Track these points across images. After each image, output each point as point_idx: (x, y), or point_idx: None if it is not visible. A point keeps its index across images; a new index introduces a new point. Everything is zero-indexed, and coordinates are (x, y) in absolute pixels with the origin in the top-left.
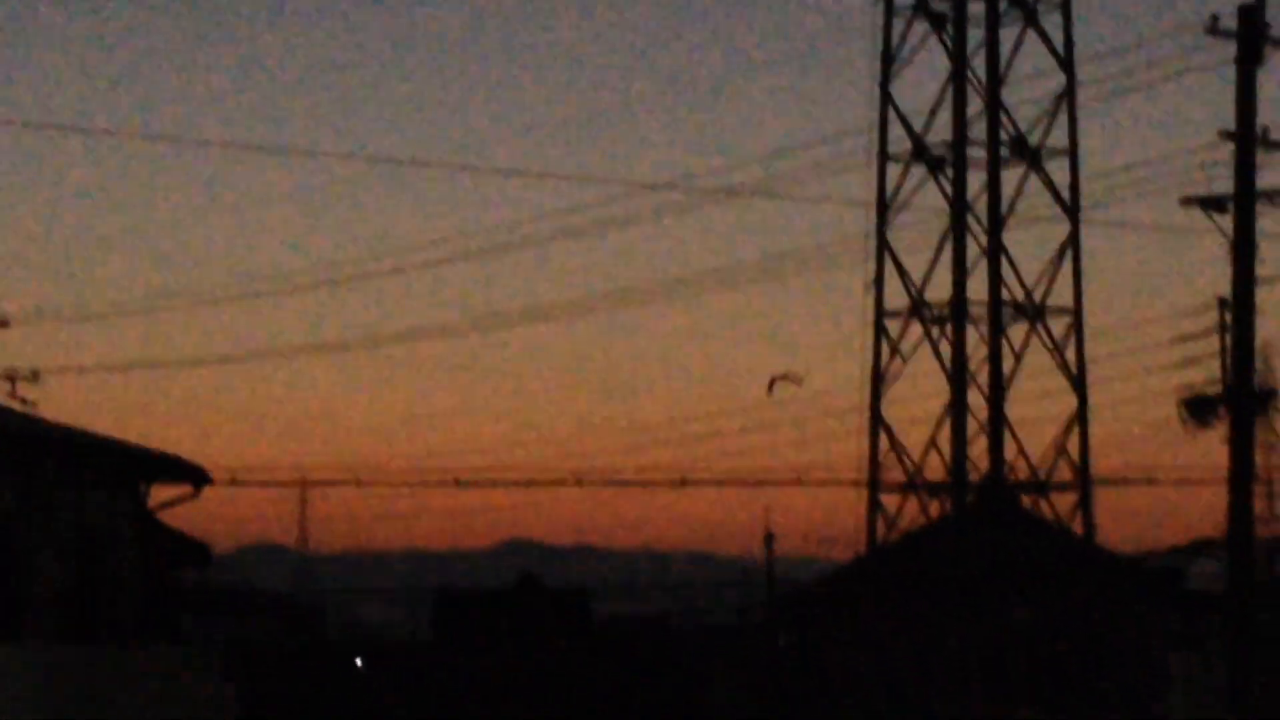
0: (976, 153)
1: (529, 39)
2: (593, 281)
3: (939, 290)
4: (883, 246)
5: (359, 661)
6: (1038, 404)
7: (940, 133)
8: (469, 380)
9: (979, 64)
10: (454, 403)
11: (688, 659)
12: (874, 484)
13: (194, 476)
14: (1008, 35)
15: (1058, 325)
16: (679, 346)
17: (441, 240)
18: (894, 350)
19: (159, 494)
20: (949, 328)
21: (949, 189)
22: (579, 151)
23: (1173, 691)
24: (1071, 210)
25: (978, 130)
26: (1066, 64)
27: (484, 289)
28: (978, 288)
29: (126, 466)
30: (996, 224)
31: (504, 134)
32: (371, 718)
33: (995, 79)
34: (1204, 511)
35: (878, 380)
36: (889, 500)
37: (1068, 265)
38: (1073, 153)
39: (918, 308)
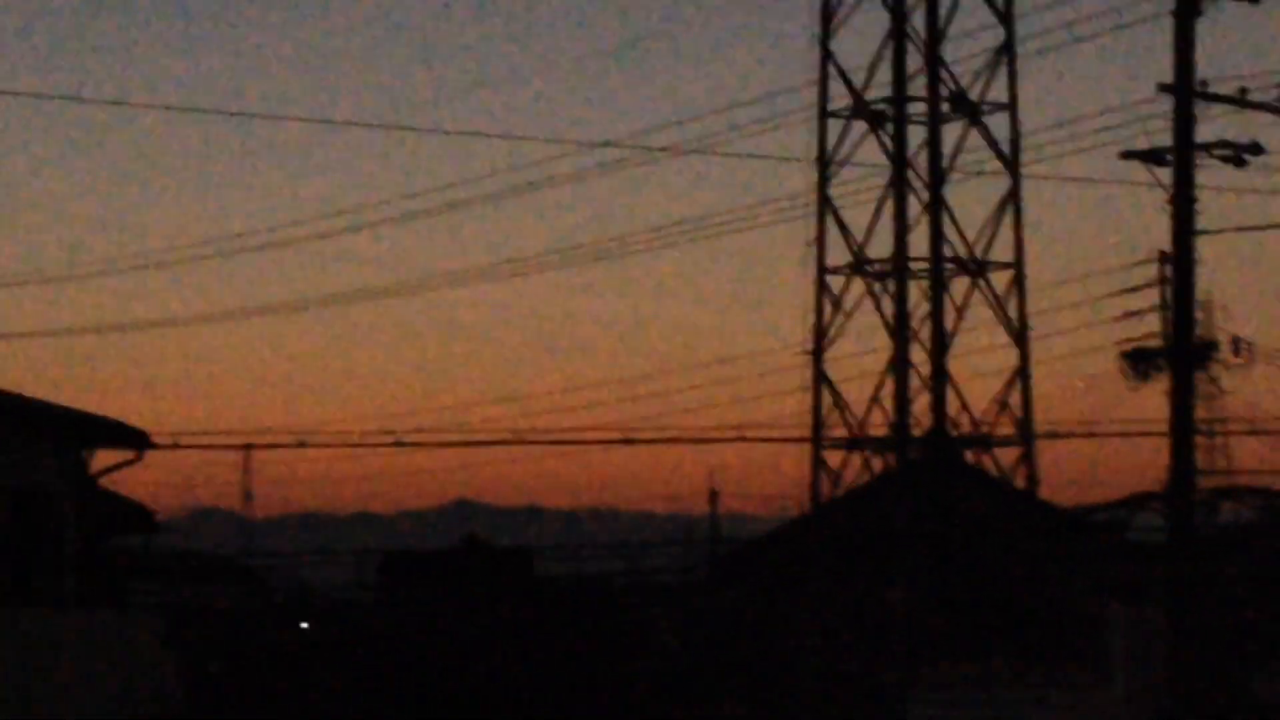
0: (917, 108)
1: None
2: (534, 240)
3: (880, 246)
4: (824, 203)
5: (304, 624)
6: (980, 359)
7: (880, 89)
8: (413, 341)
9: (918, 19)
10: (398, 364)
11: (632, 617)
12: (817, 440)
13: (136, 441)
14: None
15: (999, 280)
16: (621, 305)
17: (384, 201)
18: (836, 306)
19: (102, 459)
20: (890, 283)
21: (889, 145)
22: (518, 110)
23: (1113, 644)
24: (1012, 165)
25: (918, 86)
26: (1006, 19)
27: (426, 250)
28: (919, 243)
29: (67, 431)
30: (937, 180)
31: (443, 94)
32: (317, 680)
33: (935, 34)
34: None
35: (820, 337)
36: (832, 456)
37: (1009, 220)
38: (1013, 108)
39: (859, 264)
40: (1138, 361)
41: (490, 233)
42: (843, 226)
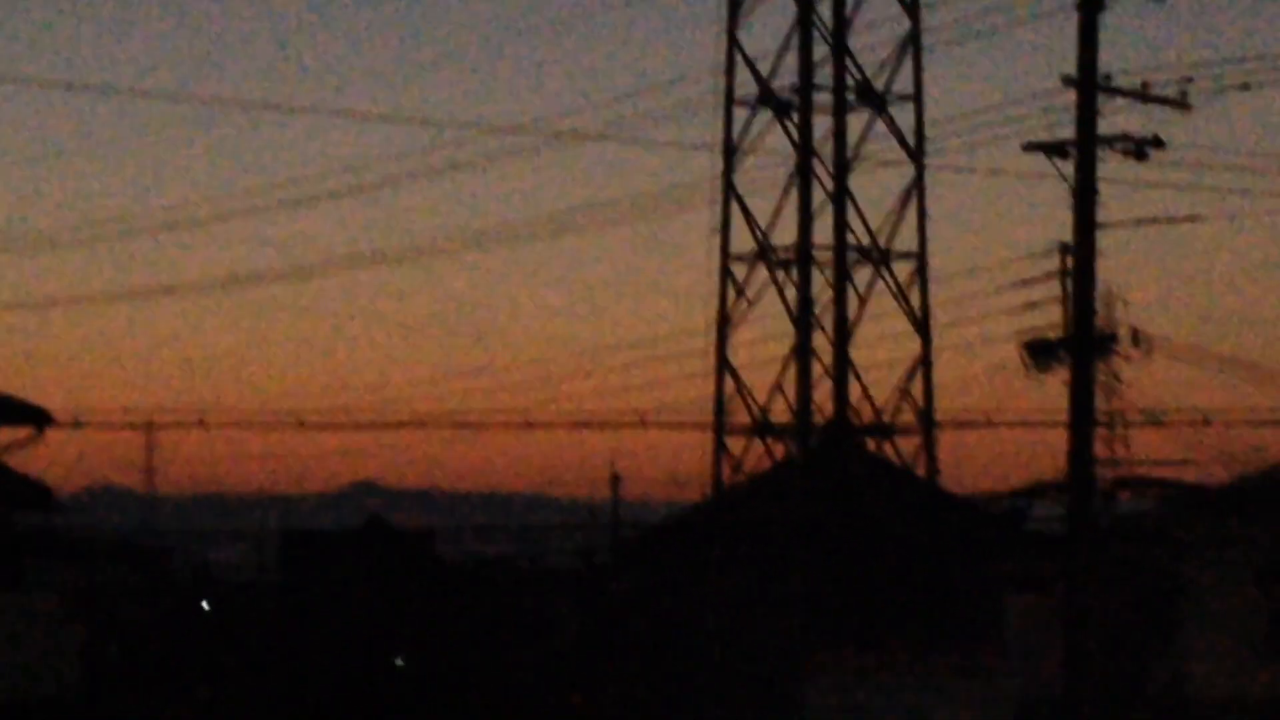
0: (823, 98)
1: None
2: (438, 225)
3: (785, 234)
4: (729, 191)
5: (205, 605)
6: (882, 348)
7: (787, 77)
8: (317, 323)
9: (825, 9)
10: (302, 346)
11: (532, 601)
12: (719, 427)
13: (36, 418)
14: None
15: (902, 269)
16: (525, 290)
17: (289, 182)
18: (740, 294)
19: (1, 436)
20: (794, 272)
21: (795, 134)
22: (426, 94)
23: (1010, 632)
24: (916, 155)
25: (824, 75)
26: (912, 9)
27: (331, 232)
28: (823, 232)
29: None
30: (842, 169)
31: (349, 76)
32: (218, 659)
33: (841, 24)
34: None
35: (724, 324)
36: (734, 443)
37: (912, 210)
38: (917, 98)
39: (763, 252)
40: (1038, 352)
41: (397, 216)
42: (747, 214)
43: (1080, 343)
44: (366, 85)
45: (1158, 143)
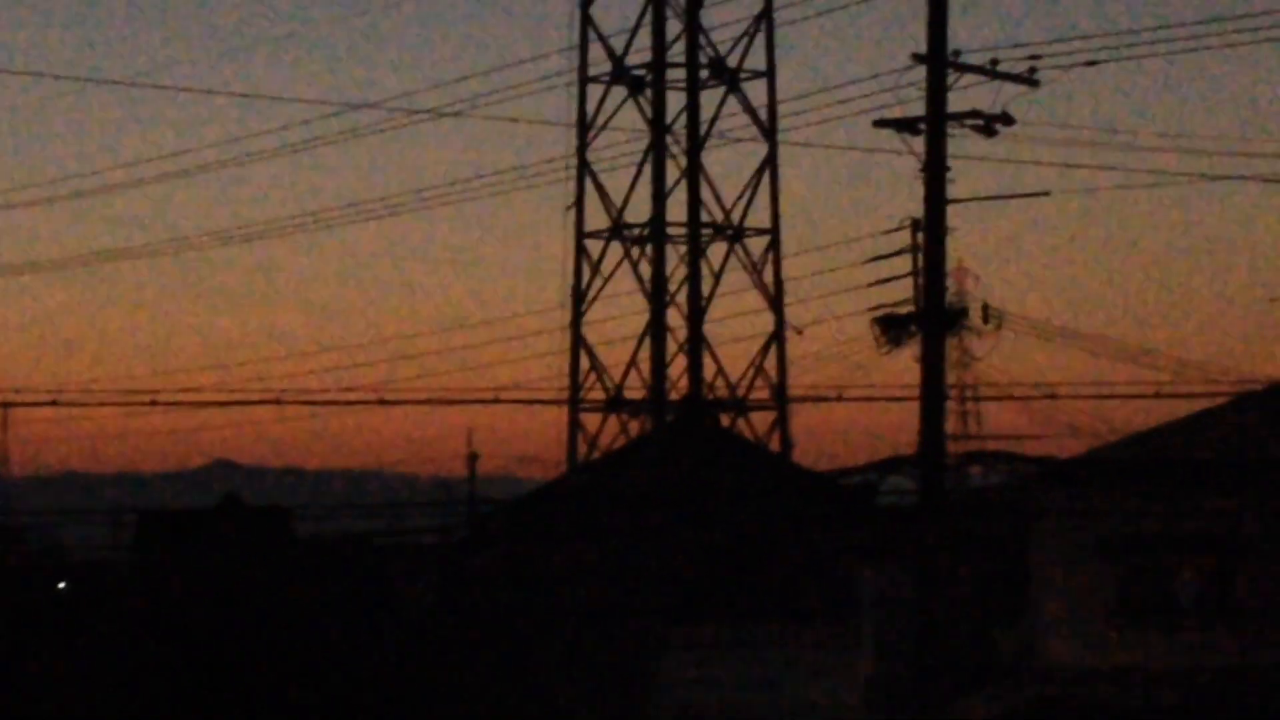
0: (676, 75)
1: None
2: (294, 201)
3: (639, 211)
4: (583, 167)
5: (60, 584)
6: (736, 324)
7: (640, 55)
8: (170, 300)
9: None
10: (158, 324)
11: (389, 578)
12: (574, 403)
13: None
14: None
15: (756, 246)
16: (381, 267)
17: (144, 159)
18: (594, 270)
19: None
20: (649, 248)
21: (649, 110)
22: (280, 71)
23: (863, 607)
24: (769, 132)
25: (677, 52)
26: None
27: (187, 209)
28: (677, 209)
29: None
30: (695, 146)
31: (207, 53)
32: (72, 640)
33: (695, 1)
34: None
35: (578, 300)
36: (589, 419)
37: (765, 186)
38: (770, 75)
39: (618, 228)
40: (889, 327)
41: (253, 193)
42: (602, 191)
43: (931, 318)
44: (223, 62)
45: (1007, 119)
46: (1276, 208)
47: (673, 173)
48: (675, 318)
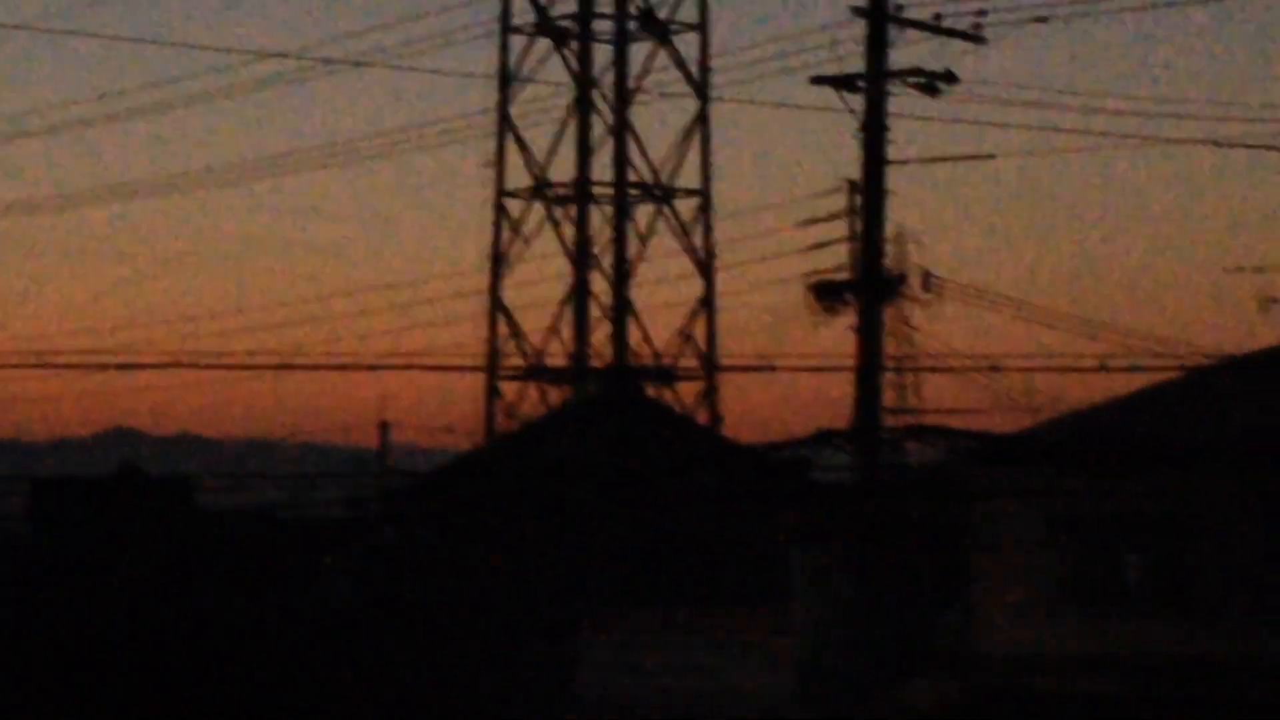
0: (604, 26)
1: None
2: (199, 155)
3: (563, 170)
4: (504, 123)
5: None
6: (664, 289)
7: (566, 4)
8: (64, 259)
9: None
10: (48, 283)
11: (297, 552)
12: (493, 370)
13: None
14: None
15: (685, 207)
16: (289, 225)
17: (33, 111)
18: (515, 231)
19: None
20: (572, 209)
21: (574, 64)
22: (186, 17)
23: (796, 587)
24: (700, 88)
25: (605, 3)
26: None
27: (79, 164)
28: (603, 168)
29: None
30: (623, 101)
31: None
32: None
33: None
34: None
35: (498, 262)
36: (508, 388)
37: (696, 145)
38: (703, 28)
39: (540, 187)
40: (825, 294)
41: (154, 146)
42: (524, 148)
43: (868, 285)
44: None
45: (950, 77)
46: (1231, 172)
47: (599, 130)
48: (599, 282)
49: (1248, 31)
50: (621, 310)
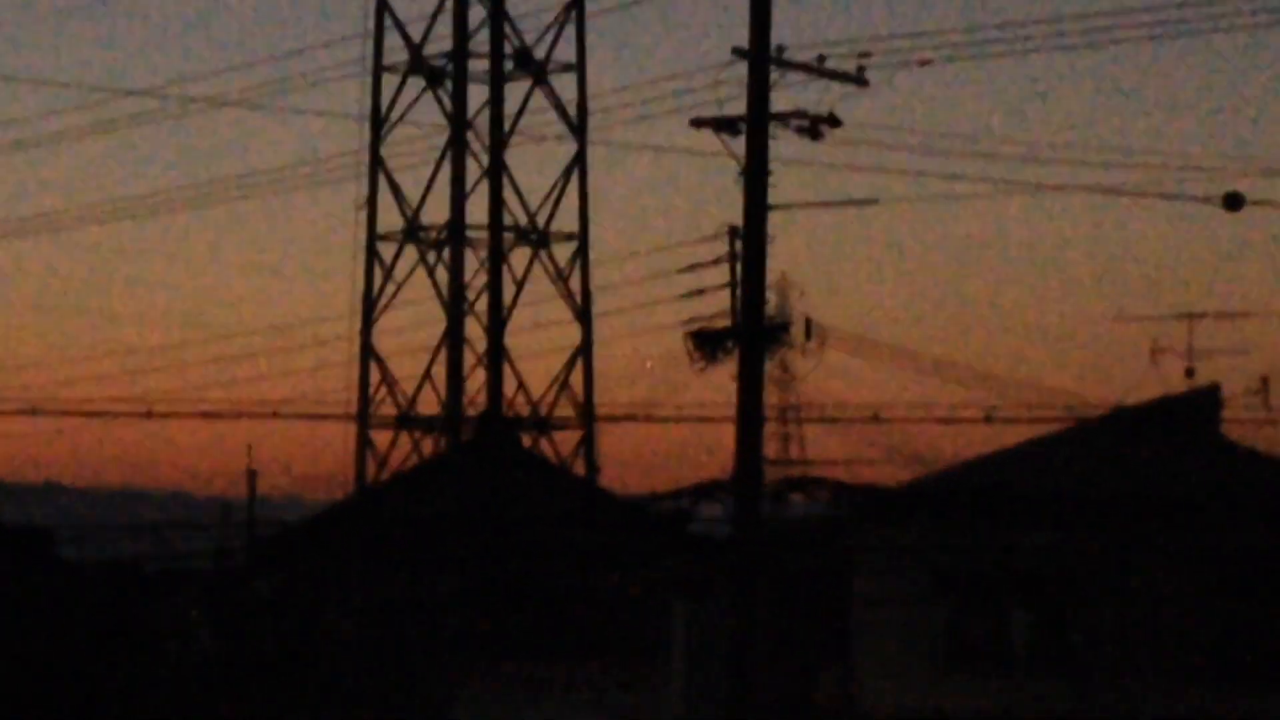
0: (479, 66)
1: None
2: (60, 195)
3: (436, 212)
4: (376, 164)
5: None
6: (540, 335)
7: (440, 44)
8: None
9: None
10: None
11: (162, 605)
12: (363, 419)
13: None
14: None
15: (562, 252)
16: (153, 267)
17: None
18: (386, 275)
19: None
20: (446, 252)
21: (448, 104)
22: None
23: (674, 641)
24: (578, 129)
25: (480, 42)
26: None
27: None
28: (478, 210)
29: None
30: (498, 142)
31: None
32: None
33: None
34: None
35: (369, 308)
36: (380, 436)
37: (573, 188)
38: (580, 67)
39: (413, 230)
40: (705, 342)
41: (7, 186)
42: (396, 190)
43: (749, 333)
44: None
45: (833, 120)
46: (1121, 219)
47: (473, 171)
48: (474, 328)
49: (1134, 76)
50: (496, 357)
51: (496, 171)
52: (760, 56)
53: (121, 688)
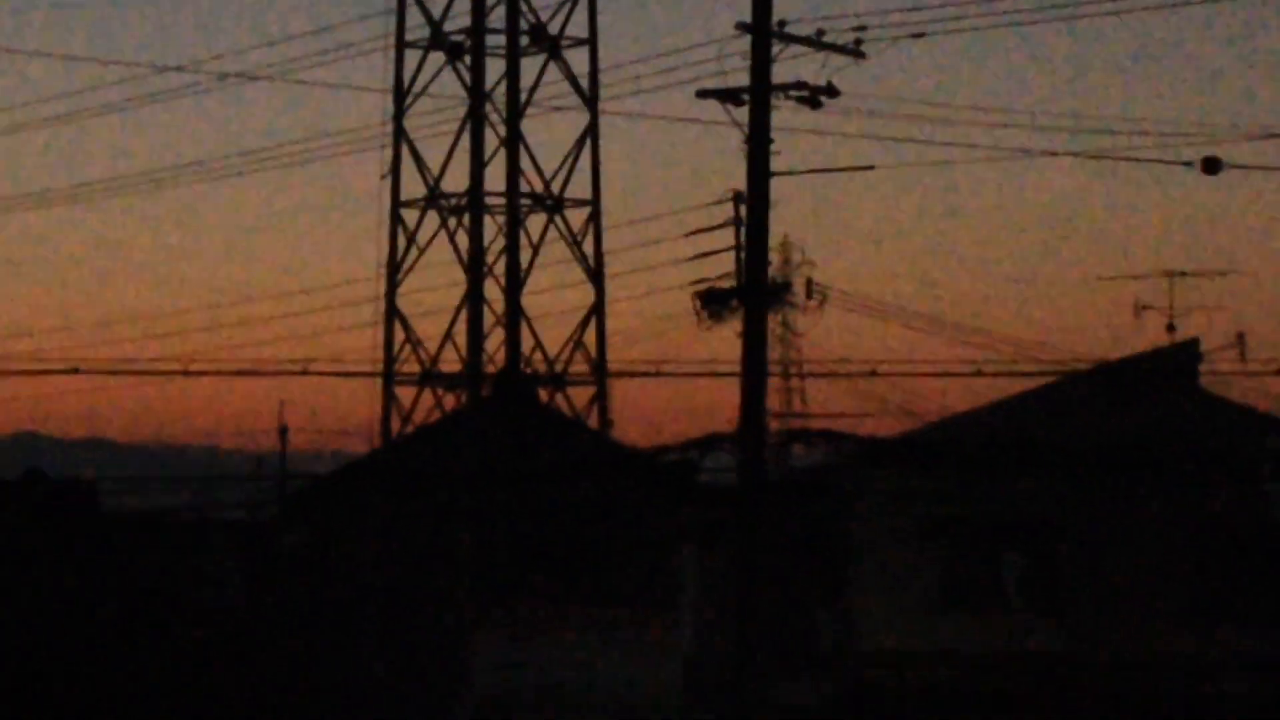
0: (496, 41)
1: None
2: (104, 165)
3: (456, 181)
4: (399, 135)
5: None
6: (555, 297)
7: (459, 20)
8: None
9: None
10: None
11: (198, 555)
12: (389, 376)
13: None
14: None
15: (576, 217)
16: (191, 234)
17: None
18: (410, 240)
19: None
20: (466, 218)
21: (467, 77)
22: (90, 31)
23: (684, 587)
24: (590, 101)
25: (497, 18)
26: None
27: None
28: (496, 179)
29: None
30: (515, 114)
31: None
32: None
33: None
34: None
35: (393, 271)
36: (404, 393)
37: (586, 157)
38: (592, 42)
39: (434, 197)
40: (711, 302)
41: (59, 156)
42: (418, 159)
43: (753, 293)
44: (19, 21)
45: (832, 91)
46: (1106, 183)
47: (491, 142)
48: (493, 290)
49: (1124, 45)
50: (514, 317)
51: (513, 141)
52: (762, 30)
53: (155, 635)
